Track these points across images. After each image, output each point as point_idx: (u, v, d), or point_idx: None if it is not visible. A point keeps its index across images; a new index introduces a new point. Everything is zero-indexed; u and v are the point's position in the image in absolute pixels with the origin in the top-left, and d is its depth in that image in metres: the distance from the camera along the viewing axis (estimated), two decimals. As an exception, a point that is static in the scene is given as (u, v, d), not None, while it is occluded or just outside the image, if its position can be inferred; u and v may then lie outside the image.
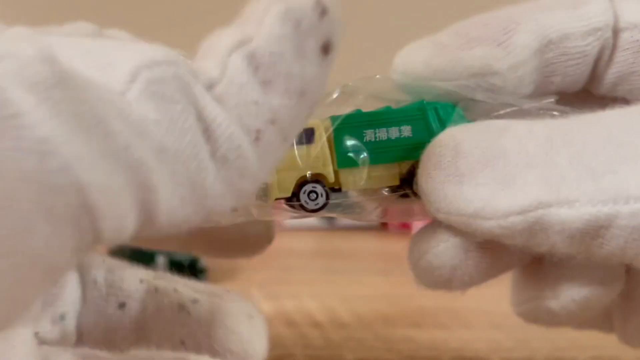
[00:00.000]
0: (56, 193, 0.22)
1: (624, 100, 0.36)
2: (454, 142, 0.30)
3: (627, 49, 0.35)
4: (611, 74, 0.35)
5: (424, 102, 0.33)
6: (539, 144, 0.29)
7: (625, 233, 0.28)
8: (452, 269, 0.31)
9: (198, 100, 0.24)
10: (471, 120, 0.33)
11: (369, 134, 0.33)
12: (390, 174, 0.33)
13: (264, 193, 0.33)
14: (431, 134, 0.32)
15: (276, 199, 0.33)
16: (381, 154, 0.32)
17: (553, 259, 0.30)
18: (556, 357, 0.45)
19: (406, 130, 0.33)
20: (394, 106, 0.34)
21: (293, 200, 0.33)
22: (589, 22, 0.34)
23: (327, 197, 0.33)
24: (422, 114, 0.33)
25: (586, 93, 0.37)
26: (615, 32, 0.35)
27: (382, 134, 0.33)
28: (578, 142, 0.29)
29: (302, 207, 0.33)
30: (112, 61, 0.24)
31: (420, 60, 0.33)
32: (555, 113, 0.34)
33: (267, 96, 0.25)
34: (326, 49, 0.26)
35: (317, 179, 0.33)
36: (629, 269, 0.34)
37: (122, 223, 0.23)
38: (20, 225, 0.22)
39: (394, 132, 0.33)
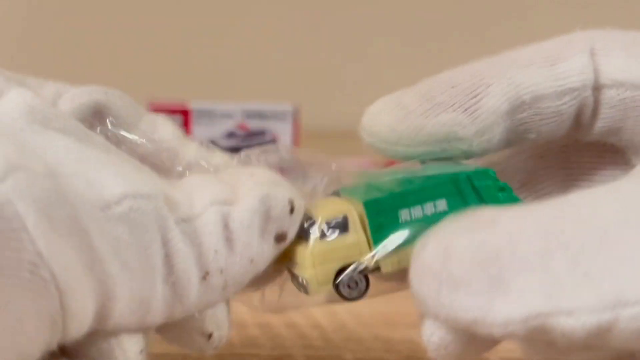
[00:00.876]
0: (45, 299, 0.26)
1: (613, 147, 0.36)
2: (443, 245, 0.29)
3: (614, 106, 0.34)
4: (598, 127, 0.35)
5: (457, 173, 0.32)
6: (532, 245, 0.28)
7: (626, 334, 0.27)
8: (462, 345, 0.31)
9: (168, 231, 0.29)
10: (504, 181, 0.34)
11: (404, 214, 0.32)
12: None
13: (305, 290, 0.33)
14: (467, 206, 0.32)
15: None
16: (419, 233, 0.31)
17: None
18: (555, 358, 0.45)
19: (441, 205, 0.32)
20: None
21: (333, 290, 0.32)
22: (565, 81, 0.33)
23: (367, 282, 0.32)
24: (456, 186, 0.32)
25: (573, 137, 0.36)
26: (597, 88, 0.34)
27: (417, 212, 0.32)
28: (573, 244, 0.28)
29: (344, 298, 0.32)
30: (103, 180, 0.28)
31: (385, 124, 0.33)
32: None
33: (225, 250, 0.30)
34: (281, 238, 0.32)
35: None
36: None
37: (83, 324, 0.28)
38: (15, 326, 0.26)
39: (429, 209, 0.32)
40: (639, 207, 0.28)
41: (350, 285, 0.32)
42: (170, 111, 0.80)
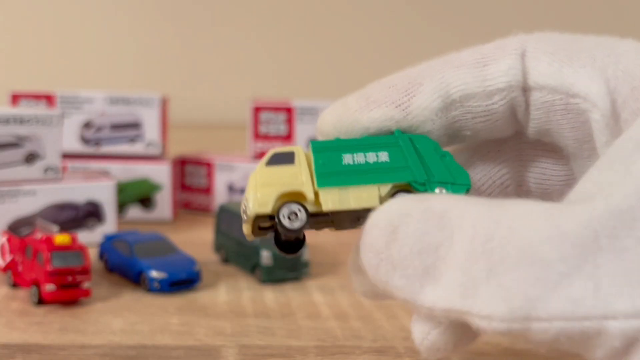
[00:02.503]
0: None
1: (556, 148, 0.37)
2: (391, 227, 0.31)
3: (539, 108, 0.35)
4: (531, 127, 0.36)
5: (398, 130, 0.34)
6: (464, 246, 0.30)
7: (537, 341, 0.29)
8: (454, 345, 0.34)
9: None
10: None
11: (347, 158, 0.34)
12: (369, 195, 0.33)
13: (244, 209, 0.34)
14: (406, 160, 0.34)
15: (256, 215, 0.33)
16: (359, 176, 0.33)
17: None
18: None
19: (383, 156, 0.34)
20: None
21: (273, 220, 0.34)
22: (492, 82, 0.35)
23: (307, 215, 0.34)
24: (397, 141, 0.34)
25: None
26: (526, 89, 0.35)
27: (360, 158, 0.34)
28: (497, 254, 0.29)
29: (284, 228, 0.33)
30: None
31: (330, 122, 0.35)
32: None
33: None
34: None
35: (296, 200, 0.34)
36: None
37: None
38: None
39: (371, 157, 0.34)
40: (561, 228, 0.29)
41: (290, 216, 0.33)
42: (274, 109, 0.82)
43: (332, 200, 0.33)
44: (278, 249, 0.35)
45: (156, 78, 1.46)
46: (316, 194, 0.33)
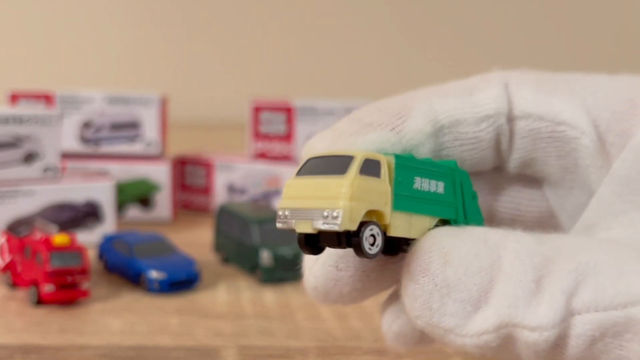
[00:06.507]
0: None
1: (535, 180, 0.38)
2: (443, 250, 0.31)
3: (525, 136, 0.35)
4: (514, 159, 0.36)
5: (454, 167, 0.33)
6: (512, 260, 0.30)
7: (576, 344, 0.29)
8: (420, 336, 0.34)
9: None
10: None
11: (418, 182, 0.32)
12: (424, 226, 0.32)
13: (327, 215, 0.29)
14: (455, 197, 0.33)
15: (344, 230, 0.29)
16: (423, 205, 0.32)
17: None
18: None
19: (440, 187, 0.32)
20: None
21: (353, 238, 0.29)
22: (480, 108, 0.35)
23: (384, 242, 0.30)
24: (453, 175, 0.33)
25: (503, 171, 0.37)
26: (511, 119, 0.35)
27: (426, 184, 0.32)
28: (545, 266, 0.30)
29: (362, 252, 0.29)
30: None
31: (321, 148, 0.34)
32: None
33: None
34: None
35: (373, 219, 0.30)
36: None
37: None
38: None
39: (433, 186, 0.32)
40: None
41: (369, 239, 0.29)
42: (274, 109, 0.81)
43: (401, 226, 0.31)
44: (301, 249, 0.31)
45: (155, 78, 1.45)
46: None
